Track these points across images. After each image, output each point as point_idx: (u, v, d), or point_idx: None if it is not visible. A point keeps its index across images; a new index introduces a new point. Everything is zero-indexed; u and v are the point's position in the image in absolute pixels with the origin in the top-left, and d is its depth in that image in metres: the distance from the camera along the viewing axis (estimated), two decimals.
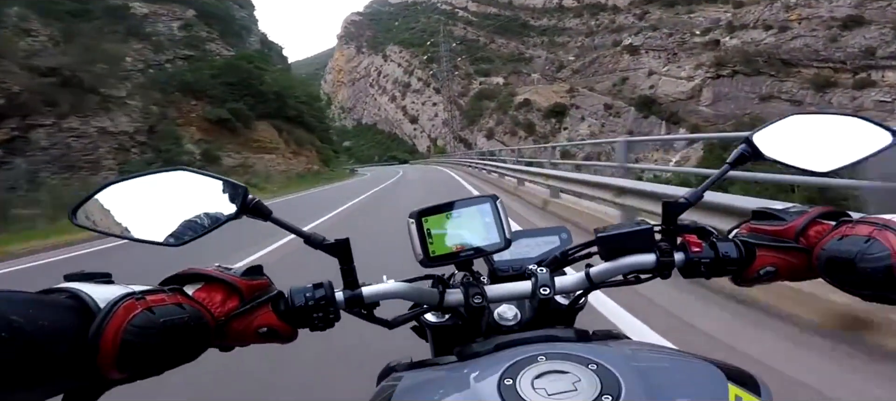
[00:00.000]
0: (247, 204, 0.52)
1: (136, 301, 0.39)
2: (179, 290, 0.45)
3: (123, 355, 0.37)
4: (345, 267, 0.54)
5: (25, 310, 0.34)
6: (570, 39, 73.45)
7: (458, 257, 0.56)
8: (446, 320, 0.62)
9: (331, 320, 0.52)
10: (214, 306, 0.47)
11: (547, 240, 0.72)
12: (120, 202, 0.52)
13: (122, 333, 0.37)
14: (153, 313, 0.39)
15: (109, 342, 0.36)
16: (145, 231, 0.51)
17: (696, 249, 0.56)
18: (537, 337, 0.50)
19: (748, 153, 0.60)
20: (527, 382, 0.39)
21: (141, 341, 0.38)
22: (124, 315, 0.37)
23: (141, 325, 0.38)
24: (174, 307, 0.42)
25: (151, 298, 0.41)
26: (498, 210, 0.58)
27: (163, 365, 0.41)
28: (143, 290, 0.41)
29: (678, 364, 0.48)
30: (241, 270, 0.50)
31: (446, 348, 0.59)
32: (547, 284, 0.57)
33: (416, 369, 0.53)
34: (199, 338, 0.44)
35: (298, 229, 0.53)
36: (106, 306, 0.37)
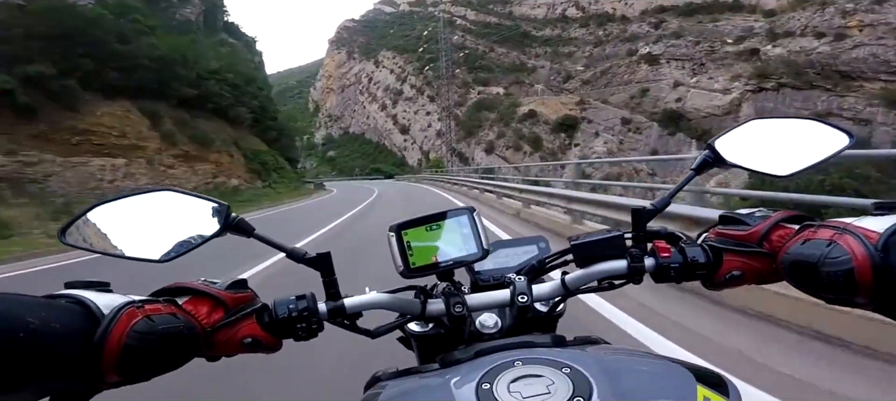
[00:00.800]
0: (229, 222, 0.54)
1: (136, 309, 0.42)
2: (173, 301, 0.48)
3: (124, 359, 0.39)
4: (327, 279, 0.56)
5: (40, 312, 0.36)
6: (577, 49, 68.36)
7: (438, 268, 0.58)
8: (429, 330, 0.63)
9: (314, 330, 0.53)
10: (201, 318, 0.49)
11: (526, 250, 0.74)
12: (108, 222, 0.54)
13: (125, 338, 0.39)
14: (152, 321, 0.42)
15: (114, 346, 0.38)
16: (134, 249, 0.53)
17: (665, 255, 0.58)
18: (515, 343, 0.51)
19: (711, 159, 0.61)
20: (503, 386, 0.41)
21: (142, 346, 0.40)
22: (127, 321, 0.40)
23: (142, 331, 0.40)
24: (170, 316, 0.44)
25: (149, 307, 0.43)
26: (475, 222, 0.60)
27: (156, 370, 0.43)
28: (142, 299, 0.44)
29: (649, 367, 0.49)
30: (226, 284, 0.52)
31: (430, 357, 0.60)
32: (524, 292, 0.59)
33: (400, 377, 0.53)
34: (190, 346, 0.46)
35: (281, 245, 0.56)
36: (110, 312, 0.40)
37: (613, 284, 0.60)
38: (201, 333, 0.48)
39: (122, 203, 0.55)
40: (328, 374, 2.24)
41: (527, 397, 0.39)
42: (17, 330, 0.33)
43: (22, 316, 0.34)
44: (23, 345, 0.33)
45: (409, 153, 72.65)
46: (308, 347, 0.55)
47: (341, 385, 2.08)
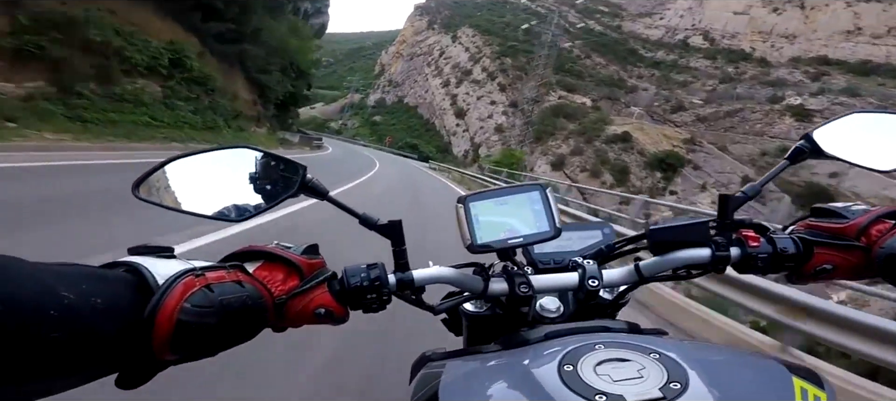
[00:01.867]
0: (305, 183, 0.53)
1: (195, 278, 0.38)
2: (240, 267, 0.44)
3: (178, 336, 0.35)
4: (397, 249, 0.54)
5: (79, 285, 0.32)
6: (695, 80, 55.49)
7: (506, 244, 0.55)
8: (484, 311, 0.62)
9: (383, 302, 0.52)
10: (275, 285, 0.46)
11: (589, 234, 0.71)
12: (182, 177, 0.53)
13: (177, 312, 0.35)
14: (212, 291, 0.38)
15: (165, 321, 0.35)
16: (207, 206, 0.52)
17: (753, 245, 0.55)
18: (590, 327, 0.49)
19: (807, 149, 0.59)
20: (588, 368, 0.39)
21: (196, 321, 0.36)
22: (182, 293, 0.36)
23: (199, 304, 0.37)
24: (234, 285, 0.41)
25: (211, 274, 0.40)
26: (548, 199, 0.57)
27: (217, 345, 0.40)
28: (204, 266, 0.41)
29: (739, 358, 0.47)
30: (301, 249, 0.50)
31: (480, 340, 0.60)
32: (595, 276, 0.56)
33: (454, 357, 0.52)
34: (257, 318, 0.42)
35: (352, 210, 0.54)
36: (164, 283, 0.36)
37: (691, 273, 0.58)
38: (271, 303, 0.44)
39: (198, 159, 0.54)
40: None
41: (617, 380, 0.37)
42: (47, 307, 0.29)
43: (54, 290, 0.30)
44: (53, 324, 0.29)
45: (457, 140, 62.40)
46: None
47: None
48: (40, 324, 0.29)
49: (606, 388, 0.36)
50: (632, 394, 0.35)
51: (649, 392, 0.36)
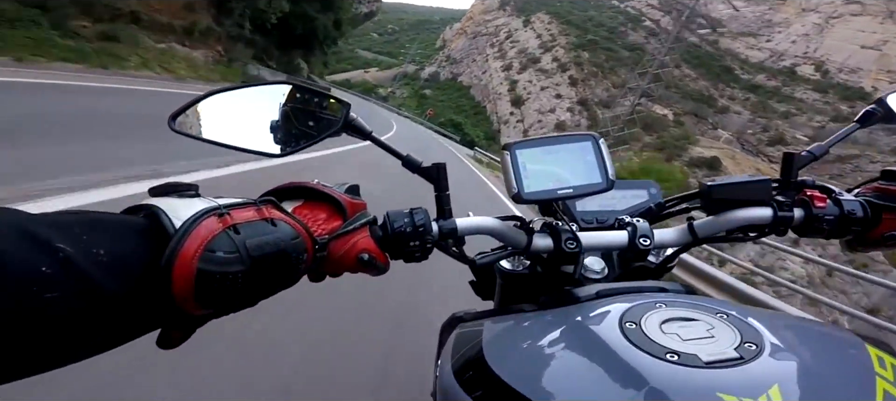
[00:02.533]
0: (349, 121, 0.50)
1: (218, 218, 0.33)
2: (273, 203, 0.39)
3: (202, 287, 0.31)
4: (440, 194, 0.51)
5: (78, 236, 0.28)
6: (800, 114, 47.20)
7: (556, 194, 0.52)
8: (521, 269, 0.59)
9: (426, 250, 0.49)
10: (318, 224, 0.43)
11: (635, 193, 0.67)
12: (221, 112, 0.50)
13: (197, 260, 0.31)
14: (238, 233, 0.34)
15: (184, 272, 0.30)
16: (246, 140, 0.50)
17: (819, 205, 0.52)
18: (646, 287, 0.47)
19: (879, 112, 0.57)
20: (653, 326, 0.37)
21: (220, 270, 0.32)
22: (202, 237, 0.31)
23: (221, 249, 0.32)
24: (264, 224, 0.36)
25: (238, 214, 0.35)
26: (600, 150, 0.54)
27: (253, 295, 0.35)
28: (230, 203, 0.36)
29: (809, 325, 0.44)
30: (343, 188, 0.47)
31: (513, 301, 0.56)
32: (647, 235, 0.53)
33: (487, 317, 0.49)
34: (294, 262, 0.38)
35: (397, 151, 0.52)
36: (180, 227, 0.31)
37: (749, 235, 0.54)
38: (310, 245, 0.40)
39: (238, 94, 0.51)
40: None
41: (687, 339, 0.35)
42: (38, 263, 0.25)
43: (48, 243, 0.26)
44: (47, 283, 0.25)
45: (507, 130, 56.63)
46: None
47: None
48: (30, 283, 0.25)
49: (677, 346, 0.34)
50: (705, 353, 0.33)
51: (724, 352, 0.34)
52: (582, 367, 0.35)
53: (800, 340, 0.38)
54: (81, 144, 4.04)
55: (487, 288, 0.65)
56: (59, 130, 4.25)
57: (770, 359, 0.33)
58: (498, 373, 0.37)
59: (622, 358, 0.34)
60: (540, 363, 0.38)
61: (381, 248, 0.46)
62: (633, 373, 0.33)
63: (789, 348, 0.35)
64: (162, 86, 10.02)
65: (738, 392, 0.30)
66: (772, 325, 0.37)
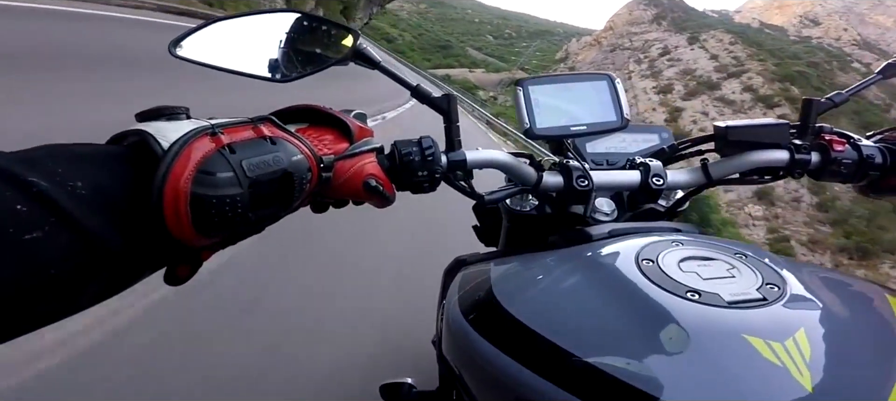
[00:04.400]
0: (357, 49, 0.48)
1: (210, 138, 0.30)
2: (272, 121, 0.37)
3: (200, 214, 0.28)
4: (449, 126, 0.49)
5: (53, 169, 0.25)
6: None
7: (569, 131, 0.52)
8: (529, 210, 0.58)
9: (434, 180, 0.47)
10: (323, 145, 0.41)
11: (645, 137, 0.67)
12: (226, 39, 0.48)
13: (189, 182, 0.28)
14: (234, 153, 0.31)
15: (175, 198, 0.28)
16: (251, 66, 0.48)
17: (838, 149, 0.52)
18: (660, 227, 0.46)
19: None
20: (671, 264, 0.36)
21: (218, 195, 0.29)
22: (194, 158, 0.29)
23: (215, 170, 0.29)
24: (263, 143, 0.33)
25: (234, 132, 0.32)
26: (616, 89, 0.54)
27: (255, 221, 0.32)
28: (224, 122, 0.33)
29: (827, 272, 0.43)
30: (352, 114, 0.46)
31: (518, 243, 0.55)
32: (660, 175, 0.53)
33: (492, 259, 0.48)
34: (298, 183, 0.35)
35: (406, 81, 0.51)
36: (168, 149, 0.28)
37: (764, 177, 0.54)
38: (315, 165, 0.37)
39: (242, 21, 0.49)
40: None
41: (707, 278, 0.34)
42: (10, 201, 0.22)
43: (19, 177, 0.23)
44: (23, 222, 0.22)
45: None
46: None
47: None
48: (6, 224, 0.22)
49: (697, 285, 0.33)
50: (728, 293, 0.32)
51: (747, 292, 0.32)
52: (598, 303, 0.34)
53: (821, 286, 0.36)
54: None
55: (491, 234, 0.63)
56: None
57: (794, 303, 0.32)
58: (511, 311, 0.35)
59: (641, 294, 0.33)
60: (554, 301, 0.36)
61: (389, 177, 0.44)
62: (653, 309, 0.32)
63: (812, 293, 0.34)
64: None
65: (764, 334, 0.29)
66: (791, 269, 0.36)
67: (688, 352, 0.29)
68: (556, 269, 0.41)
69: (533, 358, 0.33)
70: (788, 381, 0.28)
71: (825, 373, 0.29)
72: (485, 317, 0.38)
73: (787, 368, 0.28)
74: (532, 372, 0.33)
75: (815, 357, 0.29)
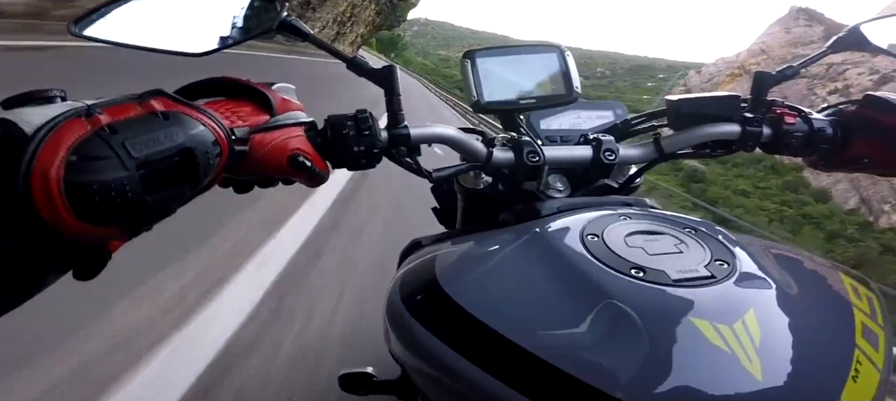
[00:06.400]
0: (283, 21, 0.45)
1: (85, 119, 0.27)
2: (164, 93, 0.33)
3: (77, 201, 0.26)
4: (390, 98, 0.47)
5: None
6: None
7: (518, 104, 0.51)
8: (483, 188, 0.57)
9: (373, 156, 0.45)
10: (238, 118, 0.37)
11: (600, 113, 0.66)
12: (139, 15, 0.44)
13: (61, 169, 0.25)
14: (115, 133, 0.28)
15: (47, 183, 0.25)
16: (166, 42, 0.44)
17: (789, 122, 0.53)
18: (610, 202, 0.45)
19: (851, 41, 0.57)
20: (617, 239, 0.35)
21: (98, 180, 0.26)
22: (64, 142, 0.26)
23: (92, 154, 0.27)
24: (151, 119, 0.30)
25: (113, 111, 0.29)
26: (566, 61, 0.53)
27: (156, 205, 0.29)
28: (103, 102, 0.30)
29: (781, 248, 0.42)
30: (275, 86, 0.43)
31: (475, 222, 0.55)
32: (612, 150, 0.52)
33: (450, 238, 0.47)
34: (202, 159, 0.32)
35: (340, 52, 0.48)
36: (34, 133, 0.26)
37: (716, 150, 0.54)
38: (224, 140, 0.34)
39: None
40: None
41: (654, 253, 0.33)
42: None
43: None
44: None
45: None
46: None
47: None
48: None
49: (642, 261, 0.32)
50: (674, 270, 0.31)
51: (694, 269, 0.31)
52: (542, 284, 0.33)
53: (773, 263, 0.35)
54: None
55: (451, 215, 0.62)
56: None
57: (744, 281, 0.31)
58: (452, 296, 0.34)
59: (582, 272, 0.32)
60: (496, 284, 0.35)
61: (320, 153, 0.42)
62: (594, 288, 0.31)
63: (763, 271, 0.32)
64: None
65: (711, 316, 0.28)
66: (743, 244, 0.35)
67: (632, 337, 0.28)
68: (502, 249, 0.39)
69: (475, 349, 0.31)
70: (737, 369, 0.26)
71: (776, 360, 0.27)
72: (425, 304, 0.36)
73: (736, 354, 0.27)
74: (475, 366, 0.30)
75: (765, 342, 0.28)
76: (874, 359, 0.31)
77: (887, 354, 0.32)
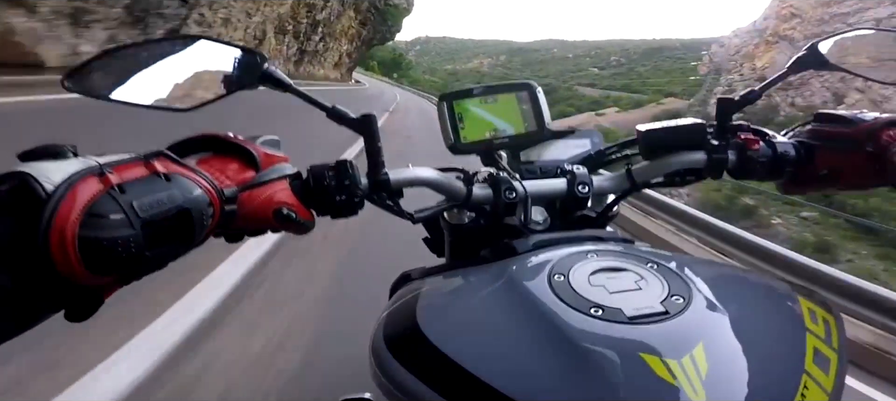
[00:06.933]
0: (265, 73, 0.47)
1: (97, 178, 0.30)
2: (166, 155, 0.36)
3: (91, 257, 0.28)
4: (370, 146, 0.48)
5: None
6: None
7: (492, 144, 0.54)
8: (468, 222, 0.58)
9: (355, 204, 0.46)
10: (226, 176, 0.40)
11: (578, 143, 0.67)
12: (125, 69, 0.46)
13: (77, 226, 0.28)
14: (123, 193, 0.31)
15: (63, 242, 0.27)
16: (152, 97, 0.46)
17: (753, 148, 0.53)
18: (581, 237, 0.47)
19: (810, 60, 0.57)
20: (581, 278, 0.36)
21: (108, 236, 0.29)
22: (80, 201, 0.28)
23: (104, 212, 0.29)
24: (155, 180, 0.33)
25: (123, 171, 0.32)
26: (537, 98, 0.55)
27: (154, 259, 0.32)
28: (112, 161, 0.32)
29: (743, 275, 0.44)
30: (259, 140, 0.45)
31: (463, 255, 0.56)
32: (585, 182, 0.54)
33: (438, 273, 0.49)
34: (197, 219, 0.34)
35: (319, 102, 0.48)
36: (54, 191, 0.28)
37: (686, 178, 0.55)
38: (216, 200, 0.36)
39: (146, 48, 0.47)
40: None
41: (614, 291, 0.35)
42: None
43: None
44: None
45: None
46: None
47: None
48: None
49: (602, 299, 0.34)
50: (630, 307, 0.33)
51: (650, 305, 0.33)
52: (511, 326, 0.35)
53: (731, 291, 0.37)
54: None
55: (441, 244, 0.63)
56: None
57: (697, 313, 0.33)
58: (430, 338, 0.35)
59: (547, 314, 0.33)
60: (471, 326, 0.37)
61: (304, 203, 0.44)
62: (556, 329, 0.32)
63: (720, 301, 0.34)
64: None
65: (661, 351, 0.29)
66: (704, 275, 0.37)
67: (587, 375, 0.29)
68: (480, 288, 0.41)
69: (451, 390, 0.32)
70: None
71: (722, 391, 0.29)
72: (405, 344, 0.37)
73: (683, 388, 0.28)
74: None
75: (712, 374, 0.29)
76: (823, 383, 0.32)
77: (838, 377, 0.33)
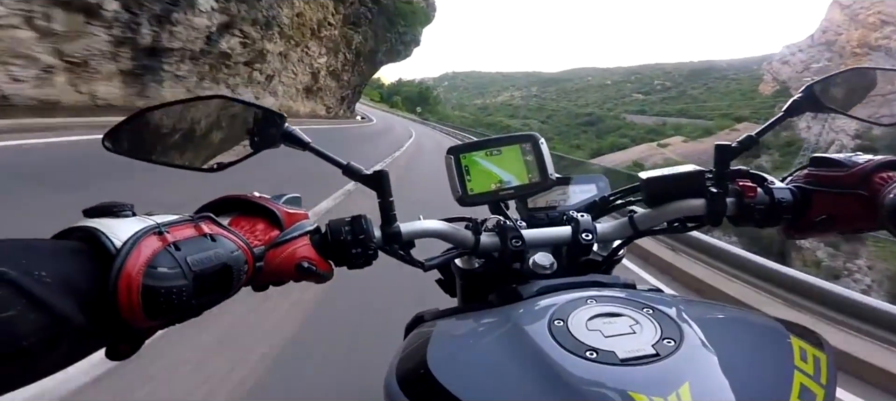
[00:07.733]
0: (286, 132, 0.50)
1: (158, 237, 0.35)
2: (210, 218, 0.41)
3: (149, 303, 0.33)
4: (383, 201, 0.52)
5: (18, 259, 0.29)
6: None
7: (498, 196, 0.55)
8: (477, 267, 0.60)
9: (369, 256, 0.50)
10: (255, 235, 0.45)
11: (584, 188, 0.69)
12: (156, 128, 0.51)
13: (141, 278, 0.32)
14: (178, 249, 0.35)
15: (129, 290, 0.32)
16: (183, 157, 0.51)
17: (750, 195, 0.54)
18: (583, 282, 0.49)
19: (806, 103, 0.57)
20: (579, 323, 0.38)
21: (165, 285, 0.34)
22: (144, 255, 0.33)
23: (164, 266, 0.34)
24: (203, 241, 0.38)
25: (176, 231, 0.37)
26: (541, 149, 0.56)
27: (197, 306, 0.37)
28: (168, 222, 0.37)
29: (735, 316, 0.46)
30: (282, 199, 0.49)
31: (474, 298, 0.59)
32: (589, 230, 0.55)
33: (448, 316, 0.51)
34: (235, 274, 0.40)
35: (336, 159, 0.52)
36: (121, 247, 0.33)
37: (687, 225, 0.57)
38: (249, 256, 0.41)
39: (172, 110, 0.51)
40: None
41: (609, 335, 0.37)
42: None
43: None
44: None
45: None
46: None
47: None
48: None
49: (597, 343, 0.36)
50: (623, 350, 0.35)
51: (642, 348, 0.35)
52: (513, 369, 0.36)
53: (721, 333, 0.38)
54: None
55: (454, 286, 0.65)
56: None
57: (686, 355, 0.34)
58: (439, 379, 0.37)
59: (546, 358, 0.35)
60: (478, 368, 0.38)
61: (323, 255, 0.47)
62: (553, 373, 0.34)
63: (710, 342, 0.35)
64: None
65: (648, 391, 0.31)
66: (698, 317, 0.38)
67: None
68: (487, 332, 0.43)
69: None
70: None
71: None
72: (416, 384, 0.39)
73: None
74: None
75: None
76: None
77: None
